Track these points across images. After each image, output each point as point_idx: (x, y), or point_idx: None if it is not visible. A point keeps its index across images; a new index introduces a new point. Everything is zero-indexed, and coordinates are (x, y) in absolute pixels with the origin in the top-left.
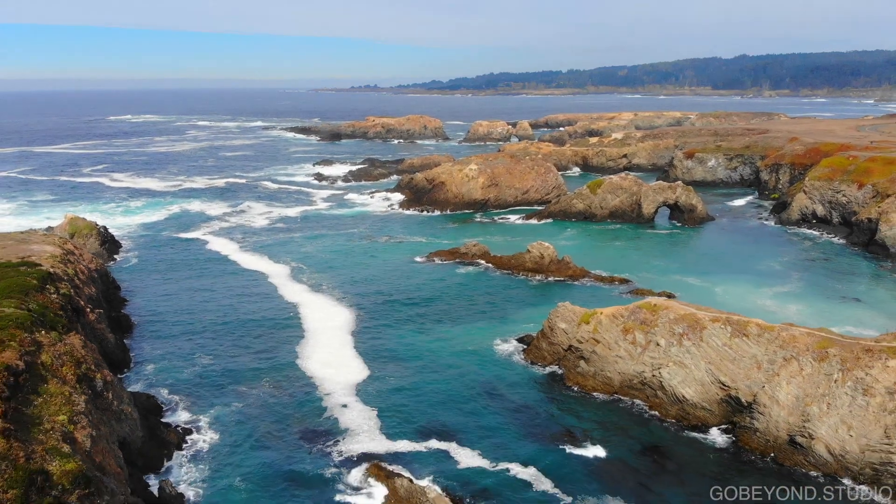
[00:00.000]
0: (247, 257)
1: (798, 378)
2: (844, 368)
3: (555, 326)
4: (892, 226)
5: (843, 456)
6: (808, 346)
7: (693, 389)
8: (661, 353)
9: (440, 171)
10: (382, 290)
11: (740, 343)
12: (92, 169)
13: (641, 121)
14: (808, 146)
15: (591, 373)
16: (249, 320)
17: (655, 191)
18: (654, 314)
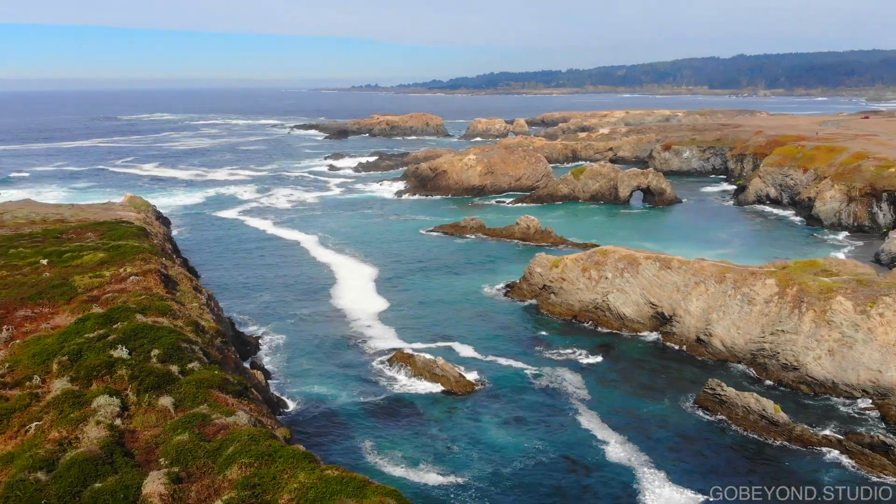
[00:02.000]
0: (279, 230)
1: (704, 295)
2: (736, 286)
3: (533, 271)
4: (825, 202)
5: (732, 347)
6: (713, 273)
7: (631, 309)
8: (608, 283)
9: (442, 160)
10: (395, 253)
11: (665, 273)
12: (122, 161)
13: (632, 118)
14: (769, 138)
15: (558, 302)
16: (291, 273)
17: (630, 176)
18: (604, 256)
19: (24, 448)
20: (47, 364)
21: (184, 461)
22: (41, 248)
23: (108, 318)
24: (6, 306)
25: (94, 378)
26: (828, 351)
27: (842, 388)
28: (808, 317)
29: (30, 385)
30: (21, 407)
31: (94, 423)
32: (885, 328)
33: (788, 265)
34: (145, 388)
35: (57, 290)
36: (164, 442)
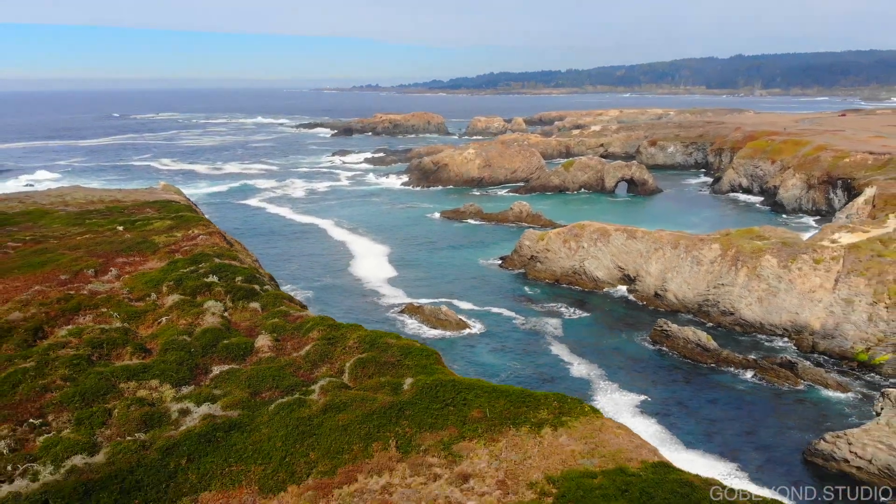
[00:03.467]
0: (297, 216)
1: (662, 259)
2: (687, 251)
3: (522, 244)
4: (788, 189)
5: (683, 299)
6: (669, 240)
7: (603, 272)
8: (584, 252)
9: (444, 155)
10: (403, 233)
11: (631, 242)
12: (140, 157)
13: (626, 117)
14: (745, 134)
15: (543, 269)
16: (312, 250)
17: (615, 168)
18: (582, 229)
19: (164, 329)
20: (158, 287)
21: (278, 332)
22: (113, 219)
23: (192, 261)
24: (105, 256)
25: (198, 293)
26: (757, 298)
27: (767, 327)
28: (742, 272)
29: (150, 299)
30: (150, 309)
31: (210, 314)
32: (802, 279)
33: (731, 233)
34: (237, 298)
35: (141, 245)
36: (260, 324)
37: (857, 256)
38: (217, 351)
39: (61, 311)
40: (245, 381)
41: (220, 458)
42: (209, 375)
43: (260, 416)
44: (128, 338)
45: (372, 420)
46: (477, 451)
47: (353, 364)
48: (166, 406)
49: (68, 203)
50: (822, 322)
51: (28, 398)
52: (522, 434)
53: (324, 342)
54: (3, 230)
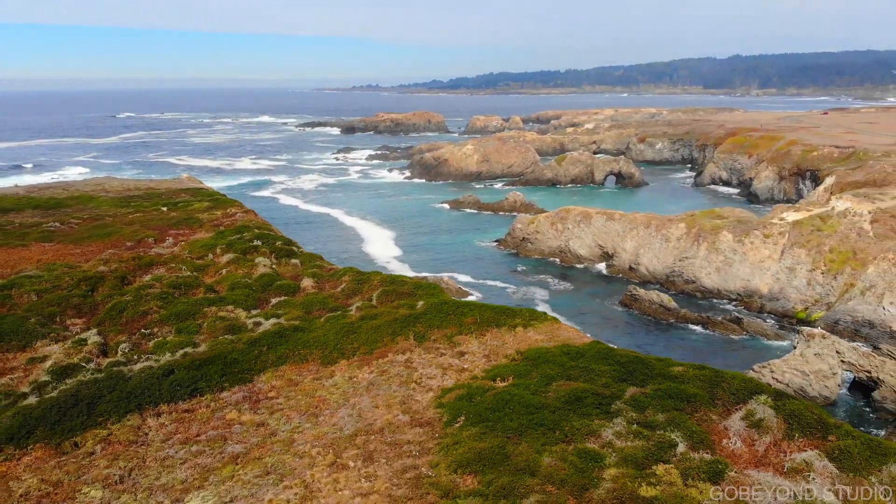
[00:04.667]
0: (309, 206)
1: (636, 237)
2: (657, 229)
3: (515, 227)
4: (761, 181)
5: (653, 272)
6: (642, 221)
7: (585, 250)
8: (569, 232)
9: (444, 151)
10: (407, 221)
11: (610, 223)
12: (154, 154)
13: (620, 116)
14: (728, 131)
15: (533, 248)
16: (326, 233)
17: (604, 162)
18: (567, 213)
19: (226, 277)
20: (213, 249)
21: (317, 278)
22: (156, 202)
23: (237, 231)
24: (159, 229)
25: (247, 253)
26: (715, 269)
27: (724, 293)
28: (703, 247)
29: (208, 258)
30: (210, 264)
31: (261, 266)
32: (754, 251)
33: (695, 214)
34: (280, 256)
35: (188, 221)
36: (301, 273)
37: (800, 231)
38: (272, 289)
39: (137, 266)
40: (299, 306)
41: (290, 346)
42: (270, 304)
43: (315, 323)
44: (199, 281)
45: (396, 324)
46: (470, 341)
47: (379, 293)
48: (243, 321)
49: (108, 190)
50: (770, 287)
51: (133, 319)
52: (502, 331)
53: (354, 282)
54: (60, 211)
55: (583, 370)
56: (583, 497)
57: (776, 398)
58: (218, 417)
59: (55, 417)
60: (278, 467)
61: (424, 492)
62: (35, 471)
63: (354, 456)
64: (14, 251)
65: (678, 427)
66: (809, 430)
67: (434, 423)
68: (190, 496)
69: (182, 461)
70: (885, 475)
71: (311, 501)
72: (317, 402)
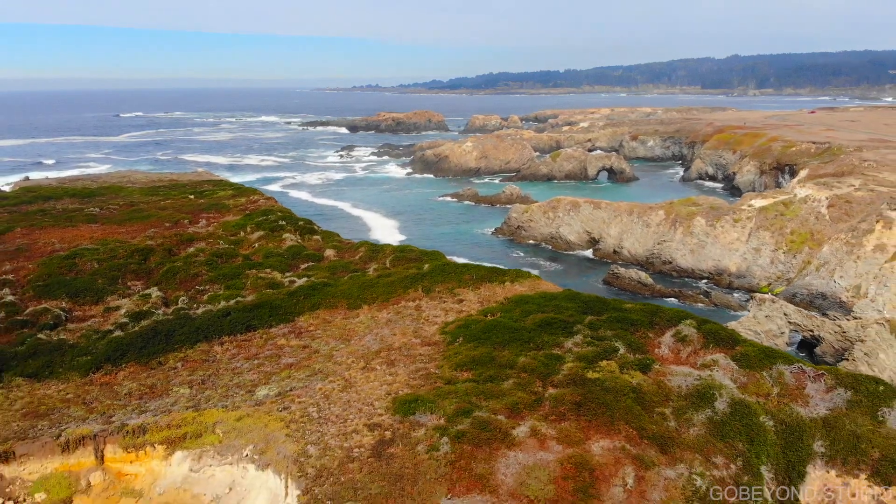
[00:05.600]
0: (317, 199)
1: (620, 224)
2: (639, 216)
3: (510, 216)
4: (743, 175)
5: (635, 254)
6: (626, 209)
7: (574, 236)
8: (560, 220)
9: (444, 148)
10: (410, 212)
11: (597, 211)
12: (163, 152)
13: (617, 115)
14: (715, 129)
15: (527, 235)
16: (334, 223)
17: (597, 158)
18: (558, 202)
19: (259, 249)
20: (243, 228)
21: (337, 249)
22: (183, 191)
23: (263, 213)
24: (191, 213)
25: (274, 231)
26: (690, 250)
27: (697, 272)
28: (679, 231)
29: (240, 234)
30: (244, 240)
31: (289, 240)
32: (724, 234)
33: (674, 202)
34: (303, 233)
35: (216, 206)
36: (323, 246)
37: (766, 216)
38: (300, 257)
39: (179, 241)
40: (325, 269)
41: (322, 296)
42: (300, 268)
43: (340, 281)
44: (236, 252)
45: (406, 280)
46: (467, 292)
47: (391, 259)
48: (280, 280)
49: (134, 181)
50: (738, 266)
51: (185, 280)
52: (494, 285)
53: (369, 252)
54: (95, 199)
55: (554, 307)
56: (546, 380)
57: (700, 322)
58: (270, 344)
59: (141, 344)
60: (323, 370)
61: (433, 382)
62: (132, 379)
63: (380, 363)
64: (66, 230)
65: (621, 339)
66: (722, 342)
67: (439, 343)
68: (259, 388)
69: (248, 369)
70: (774, 371)
71: (350, 389)
72: (347, 332)
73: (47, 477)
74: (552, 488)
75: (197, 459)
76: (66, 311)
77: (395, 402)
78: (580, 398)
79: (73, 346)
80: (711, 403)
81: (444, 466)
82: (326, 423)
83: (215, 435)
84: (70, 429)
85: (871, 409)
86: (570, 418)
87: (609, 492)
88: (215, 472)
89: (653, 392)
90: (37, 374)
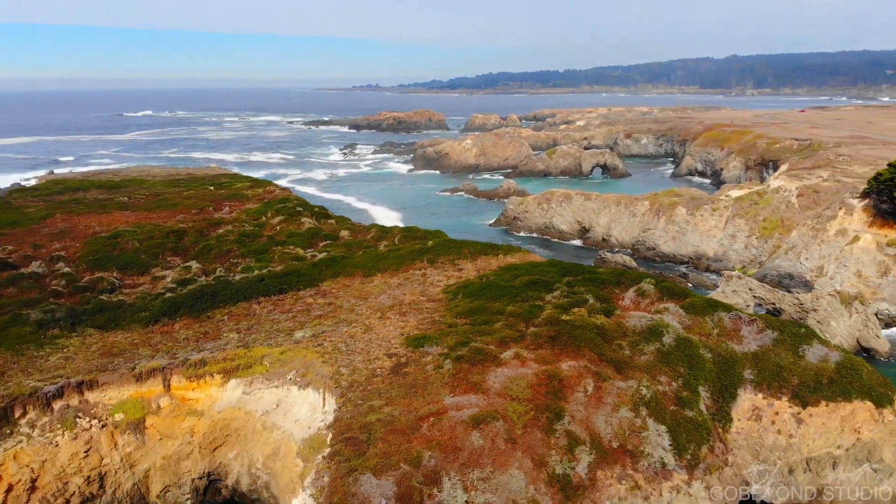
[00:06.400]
0: (323, 193)
1: (608, 214)
2: (626, 207)
3: (507, 208)
4: (730, 171)
5: (622, 242)
6: (614, 200)
7: (566, 226)
8: (553, 211)
9: (444, 145)
10: (413, 205)
11: (587, 202)
12: (170, 150)
13: (613, 114)
14: (705, 127)
15: (523, 225)
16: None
17: (591, 155)
18: (552, 195)
19: (281, 230)
20: (265, 213)
21: (351, 230)
22: (202, 183)
23: (280, 201)
24: (214, 202)
25: (293, 215)
26: (672, 237)
27: (678, 257)
28: (662, 220)
29: (262, 219)
30: (266, 223)
31: (307, 223)
32: (703, 222)
33: (658, 193)
34: (319, 217)
35: (236, 196)
36: (338, 228)
37: (741, 205)
38: (319, 237)
39: (208, 225)
40: (342, 246)
41: (340, 266)
42: (319, 245)
43: (355, 255)
44: (261, 233)
45: (413, 254)
46: (466, 263)
47: (399, 237)
48: (303, 254)
49: (153, 175)
50: (715, 251)
51: (219, 255)
52: (489, 257)
53: (379, 232)
54: (120, 190)
55: (539, 271)
56: (529, 322)
57: (658, 281)
58: (300, 302)
59: (190, 303)
60: (347, 319)
61: (437, 326)
62: (187, 329)
63: (393, 314)
64: (102, 216)
65: (592, 293)
66: (675, 295)
67: (442, 299)
68: (296, 332)
69: (284, 320)
70: (715, 317)
71: (370, 331)
72: (365, 293)
73: (124, 401)
74: (529, 391)
75: (248, 385)
76: (118, 279)
77: (407, 339)
78: (555, 333)
79: (132, 305)
80: (660, 338)
81: (447, 378)
82: (353, 354)
83: (263, 366)
84: (141, 363)
85: (793, 347)
86: (545, 347)
87: (573, 395)
88: (264, 394)
89: (613, 329)
90: (104, 326)
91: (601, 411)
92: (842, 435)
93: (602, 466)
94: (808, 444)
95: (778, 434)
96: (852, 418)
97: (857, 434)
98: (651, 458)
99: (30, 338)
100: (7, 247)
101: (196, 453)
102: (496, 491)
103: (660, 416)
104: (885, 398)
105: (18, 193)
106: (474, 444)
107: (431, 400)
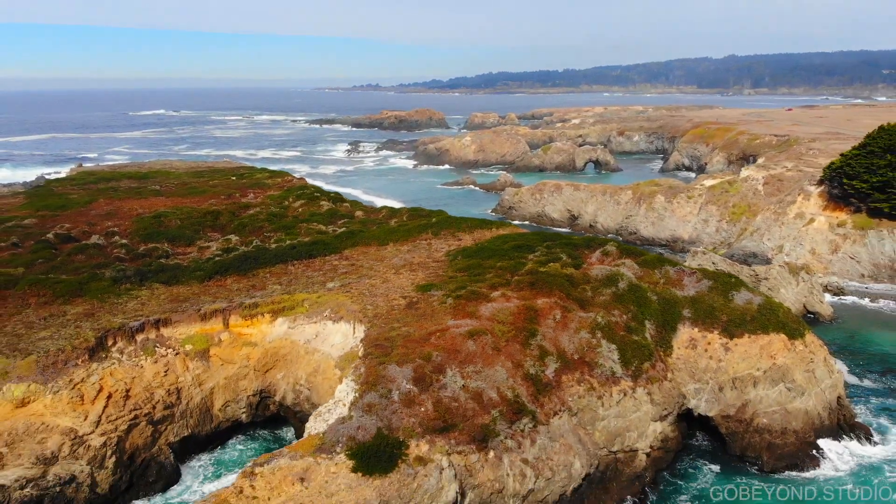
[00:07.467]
0: (332, 187)
1: (595, 202)
2: (611, 196)
3: (503, 198)
4: (713, 165)
5: (606, 228)
6: (600, 190)
7: (557, 214)
8: (545, 200)
9: (445, 142)
10: (416, 196)
11: (576, 192)
12: (179, 147)
13: (609, 113)
14: (695, 124)
15: (517, 214)
16: None
17: (584, 151)
18: (544, 185)
19: (303, 212)
20: (287, 198)
21: (365, 211)
22: (224, 174)
23: (300, 188)
24: (239, 189)
25: (312, 200)
26: (651, 223)
27: (657, 240)
28: (643, 207)
29: (285, 203)
30: (289, 206)
31: (326, 206)
32: (680, 209)
33: (640, 183)
34: (336, 201)
35: (258, 184)
36: (353, 209)
37: (714, 193)
38: (337, 216)
39: (238, 207)
40: (358, 223)
41: (358, 238)
42: (338, 223)
43: (370, 229)
44: (286, 214)
45: (420, 228)
46: (465, 235)
47: (407, 216)
48: (325, 229)
49: (176, 167)
50: (690, 234)
51: (254, 230)
52: (484, 230)
53: (390, 211)
54: (150, 180)
55: (524, 238)
56: (513, 273)
57: (620, 244)
58: (328, 264)
59: (237, 265)
60: (368, 274)
61: (441, 277)
62: (237, 283)
63: (405, 270)
64: (141, 201)
65: (566, 253)
66: (633, 255)
67: (444, 260)
68: (328, 283)
69: (317, 275)
70: (663, 269)
71: (387, 282)
72: (380, 257)
73: (191, 336)
74: (511, 318)
75: (293, 321)
76: (170, 249)
77: (417, 286)
78: (533, 280)
79: (187, 267)
80: (616, 284)
81: (449, 309)
82: (375, 297)
83: (303, 307)
84: (205, 307)
85: (724, 292)
86: (525, 289)
87: (545, 321)
88: (306, 328)
89: (579, 277)
90: (168, 282)
91: (566, 333)
92: (760, 360)
93: (565, 372)
94: (734, 367)
95: (710, 359)
96: (769, 347)
97: (773, 359)
98: (604, 368)
99: (109, 290)
100: (64, 224)
101: (251, 374)
102: (485, 380)
103: (611, 338)
104: (797, 332)
105: (57, 183)
106: (469, 349)
107: (437, 322)
